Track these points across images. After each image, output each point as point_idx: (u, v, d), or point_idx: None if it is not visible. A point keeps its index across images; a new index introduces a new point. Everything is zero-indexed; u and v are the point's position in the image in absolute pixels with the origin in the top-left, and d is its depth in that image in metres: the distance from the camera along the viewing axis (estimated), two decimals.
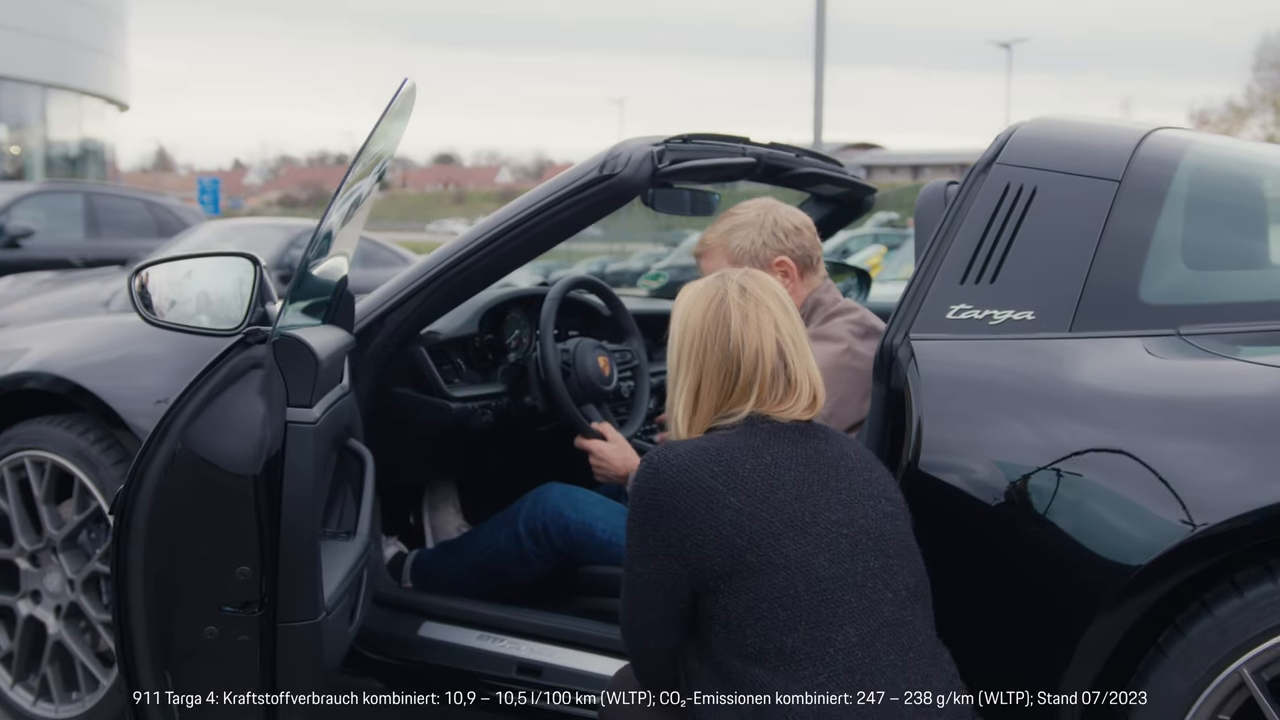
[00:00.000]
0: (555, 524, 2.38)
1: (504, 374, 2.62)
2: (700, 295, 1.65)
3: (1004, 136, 2.00)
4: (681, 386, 1.63)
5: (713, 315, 1.62)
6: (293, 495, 1.66)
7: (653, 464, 1.54)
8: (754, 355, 1.59)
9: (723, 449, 1.54)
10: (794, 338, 1.63)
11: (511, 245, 2.30)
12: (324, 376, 1.73)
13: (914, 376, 1.82)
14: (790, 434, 1.58)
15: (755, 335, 1.60)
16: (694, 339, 1.62)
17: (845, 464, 1.59)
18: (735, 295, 1.63)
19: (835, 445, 1.61)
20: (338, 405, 1.88)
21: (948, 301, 1.87)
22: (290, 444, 1.66)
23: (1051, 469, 1.66)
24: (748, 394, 1.59)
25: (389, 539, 2.70)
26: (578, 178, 2.24)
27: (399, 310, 2.36)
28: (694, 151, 2.38)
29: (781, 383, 1.60)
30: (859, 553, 1.52)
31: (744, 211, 2.30)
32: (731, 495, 1.50)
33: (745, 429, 1.57)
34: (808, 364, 1.63)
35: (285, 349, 1.71)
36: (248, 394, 1.64)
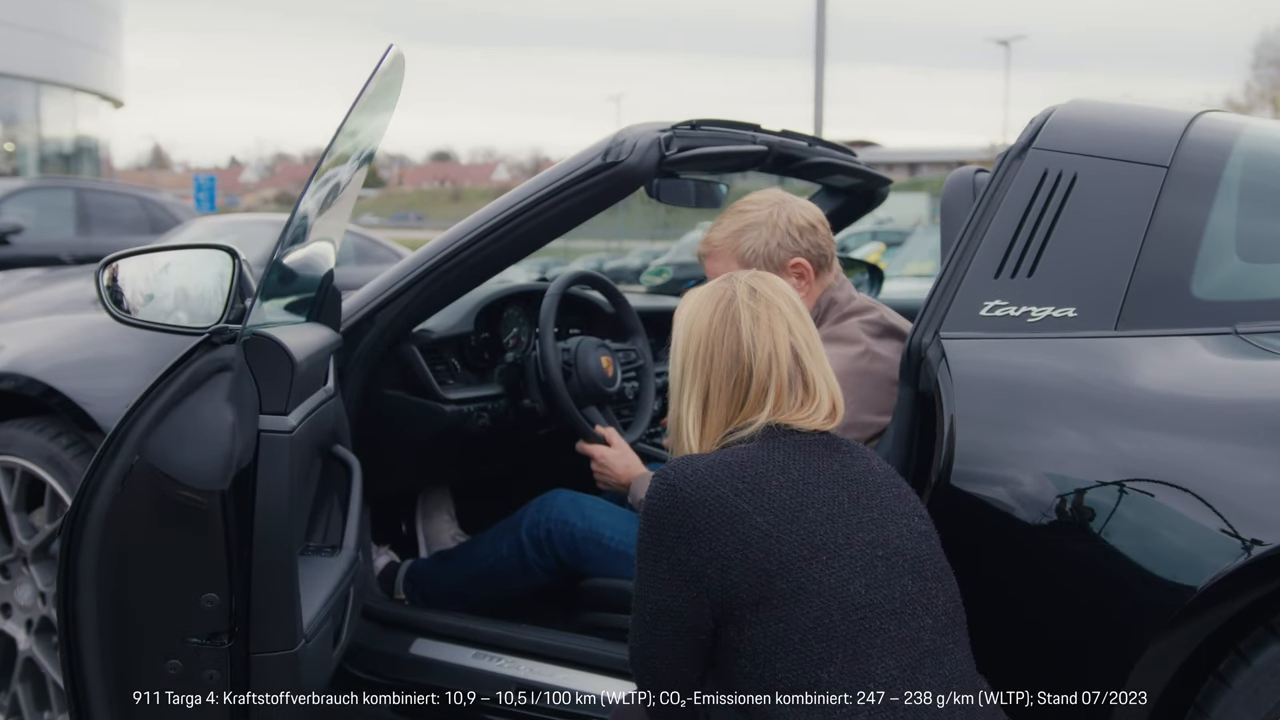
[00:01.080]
0: (560, 532, 2.24)
1: (501, 375, 2.47)
2: (706, 298, 1.53)
3: (1040, 119, 1.86)
4: (689, 398, 1.50)
5: (720, 318, 1.50)
6: (266, 512, 1.50)
7: (668, 480, 1.40)
8: (767, 359, 1.47)
9: (746, 463, 1.40)
10: (809, 342, 1.51)
11: (509, 238, 2.16)
12: (303, 379, 1.57)
13: (945, 378, 1.68)
14: (815, 446, 1.45)
15: (768, 338, 1.48)
16: (700, 344, 1.50)
17: (873, 480, 1.46)
18: (744, 296, 1.51)
19: (860, 460, 1.48)
20: (321, 410, 1.73)
21: (981, 297, 1.73)
22: (263, 455, 1.50)
23: (1109, 481, 1.51)
24: (762, 402, 1.47)
25: (380, 548, 2.56)
26: (579, 166, 2.10)
27: (389, 307, 2.22)
28: (703, 139, 2.23)
29: (799, 388, 1.48)
30: (896, 576, 1.39)
31: (753, 208, 2.15)
32: (759, 515, 1.37)
33: (765, 441, 1.44)
34: (824, 371, 1.51)
35: (257, 349, 1.55)
36: (214, 400, 1.48)
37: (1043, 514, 1.55)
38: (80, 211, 10.61)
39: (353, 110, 1.61)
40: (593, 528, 2.21)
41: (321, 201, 1.70)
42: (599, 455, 2.25)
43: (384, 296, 2.22)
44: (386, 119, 1.90)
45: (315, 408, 1.68)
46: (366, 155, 1.93)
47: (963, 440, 1.64)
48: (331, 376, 1.89)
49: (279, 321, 1.66)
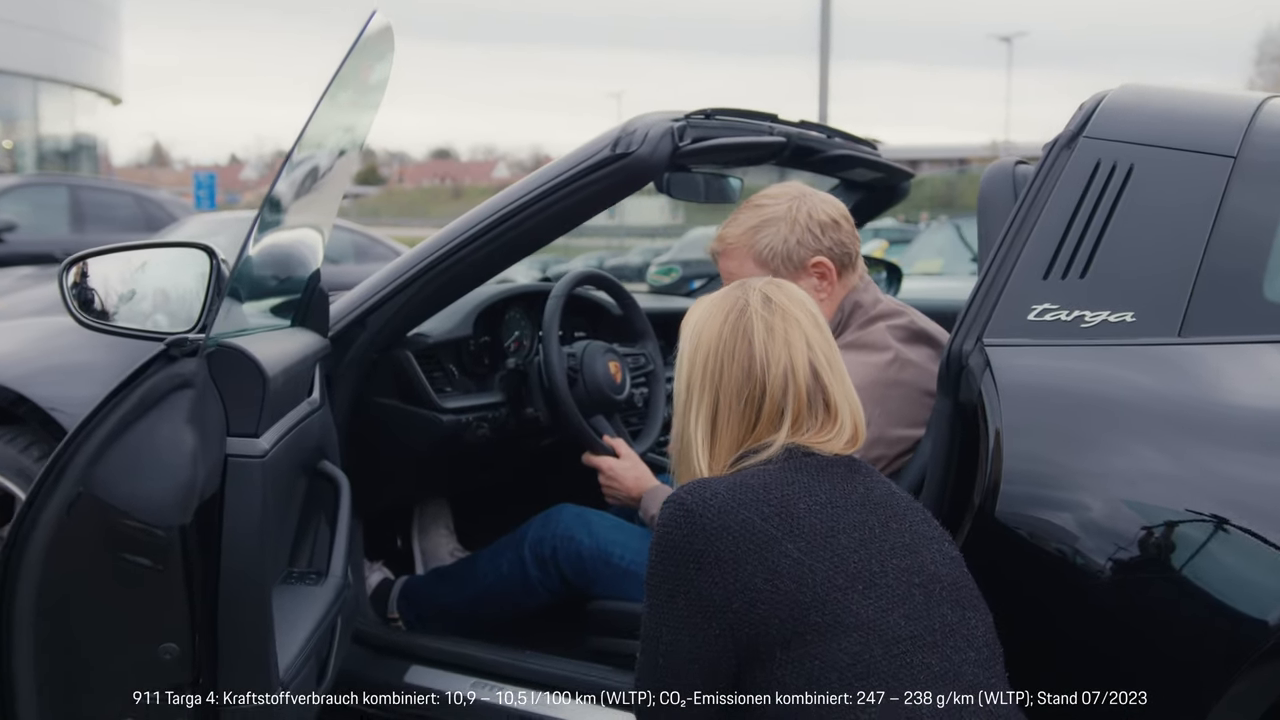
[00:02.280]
0: (565, 549, 2.09)
1: (502, 381, 2.32)
2: (716, 306, 1.40)
3: (1090, 105, 1.70)
4: (696, 414, 1.36)
5: (731, 328, 1.36)
6: (235, 549, 1.33)
7: (685, 505, 1.26)
8: (782, 375, 1.33)
9: (770, 486, 1.27)
10: (829, 359, 1.37)
11: (511, 235, 2.00)
12: (278, 395, 1.41)
13: (990, 388, 1.53)
14: (838, 469, 1.32)
15: (783, 352, 1.34)
16: (708, 356, 1.36)
17: (898, 503, 1.33)
18: (758, 305, 1.37)
19: (881, 483, 1.36)
20: (305, 424, 1.58)
21: (1028, 301, 1.58)
22: (231, 484, 1.33)
23: (1198, 507, 1.36)
24: (778, 421, 1.33)
25: (373, 564, 2.41)
26: (587, 158, 1.95)
27: (382, 310, 2.07)
28: (717, 129, 2.08)
29: (820, 407, 1.34)
30: (934, 605, 1.26)
31: (771, 203, 1.99)
32: (789, 541, 1.23)
33: (786, 463, 1.30)
34: (846, 391, 1.38)
35: (223, 363, 1.38)
36: (172, 421, 1.30)
37: (1116, 543, 1.39)
38: (74, 209, 10.49)
39: (334, 82, 1.44)
40: (601, 546, 2.06)
41: (298, 187, 1.54)
42: (607, 467, 2.11)
43: (376, 298, 2.07)
44: (377, 98, 1.74)
45: (296, 424, 1.52)
46: (355, 144, 1.78)
47: (1012, 457, 1.48)
48: (318, 385, 1.74)
49: (255, 328, 1.50)
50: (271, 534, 1.39)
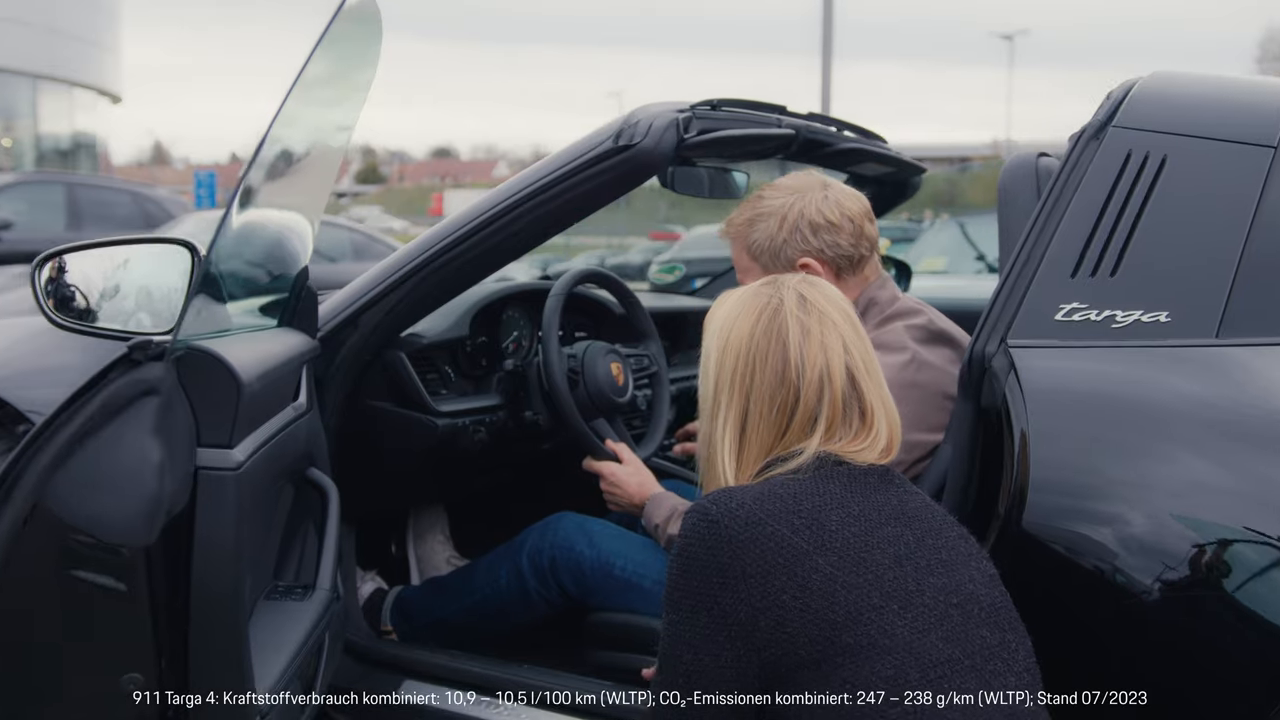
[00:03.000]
0: (565, 559, 2.00)
1: (500, 384, 2.23)
2: (748, 305, 1.31)
3: (1119, 94, 1.62)
4: (725, 419, 1.28)
5: (764, 330, 1.28)
6: (208, 569, 1.23)
7: (709, 516, 1.18)
8: (818, 380, 1.25)
9: (799, 496, 1.19)
10: (866, 362, 1.29)
11: (508, 232, 1.92)
12: (255, 401, 1.32)
13: (1014, 392, 1.45)
14: (871, 479, 1.24)
15: (819, 355, 1.26)
16: (740, 358, 1.28)
17: (933, 517, 1.25)
18: (793, 305, 1.29)
19: (915, 496, 1.28)
20: (289, 431, 1.49)
21: (1055, 300, 1.50)
22: (202, 499, 1.23)
23: (1256, 521, 1.27)
24: (810, 428, 1.25)
25: (366, 573, 2.33)
26: (588, 150, 1.86)
27: (374, 309, 1.98)
28: (724, 121, 1.99)
29: (855, 415, 1.26)
30: (973, 626, 1.18)
31: (771, 195, 1.93)
32: (820, 556, 1.15)
33: (817, 473, 1.21)
34: (883, 397, 1.30)
35: (193, 368, 1.27)
36: (136, 431, 1.20)
37: (1163, 559, 1.30)
38: (71, 207, 10.42)
39: (313, 55, 1.34)
40: (602, 556, 1.97)
41: (275, 179, 1.45)
42: (609, 473, 2.03)
43: (368, 297, 1.98)
44: (363, 90, 1.65)
45: (279, 431, 1.43)
46: (344, 135, 1.69)
47: (1041, 464, 1.40)
48: (304, 389, 1.65)
49: (235, 329, 1.41)
50: (248, 552, 1.29)
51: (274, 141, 1.35)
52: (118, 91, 25.97)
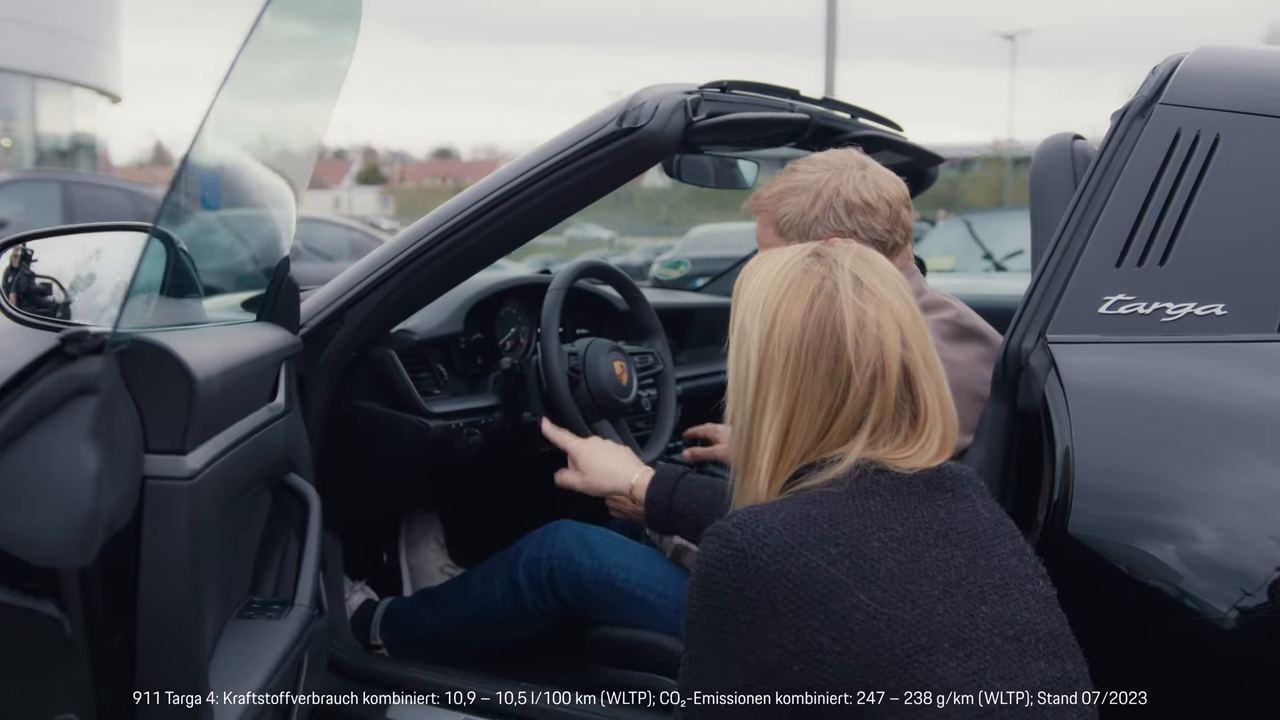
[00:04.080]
0: (564, 571, 1.88)
1: (496, 383, 2.11)
2: (796, 284, 1.14)
3: (1165, 69, 1.49)
4: (771, 419, 1.12)
5: (818, 318, 1.11)
6: (157, 591, 1.09)
7: (733, 543, 1.04)
8: (869, 381, 1.10)
9: (836, 518, 1.05)
10: (926, 357, 1.14)
11: (504, 220, 1.79)
12: (216, 401, 1.18)
13: (1055, 391, 1.33)
14: (916, 489, 1.09)
15: (874, 351, 1.10)
16: (790, 350, 1.11)
17: (983, 528, 1.11)
18: (849, 289, 1.12)
19: (964, 499, 1.12)
20: (263, 434, 1.36)
21: (1099, 291, 1.37)
22: (151, 512, 1.08)
23: None
24: (852, 433, 1.10)
25: (355, 583, 2.20)
26: (590, 133, 1.74)
27: (362, 303, 1.86)
28: (735, 104, 1.87)
29: (905, 419, 1.11)
30: (1030, 660, 1.05)
31: (806, 170, 1.79)
32: (861, 590, 1.01)
33: (855, 485, 1.08)
34: (942, 397, 1.15)
35: (139, 364, 1.12)
36: (69, 437, 1.05)
37: (1238, 582, 1.17)
38: (66, 205, 10.30)
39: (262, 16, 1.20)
40: (603, 567, 1.85)
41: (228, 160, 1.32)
42: None
43: (355, 291, 1.86)
44: (341, 67, 1.53)
45: (249, 434, 1.30)
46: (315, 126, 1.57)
47: (1086, 469, 1.28)
48: (283, 388, 1.52)
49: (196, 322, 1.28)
50: (208, 570, 1.16)
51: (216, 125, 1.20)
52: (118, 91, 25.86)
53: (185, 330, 1.26)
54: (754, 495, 1.12)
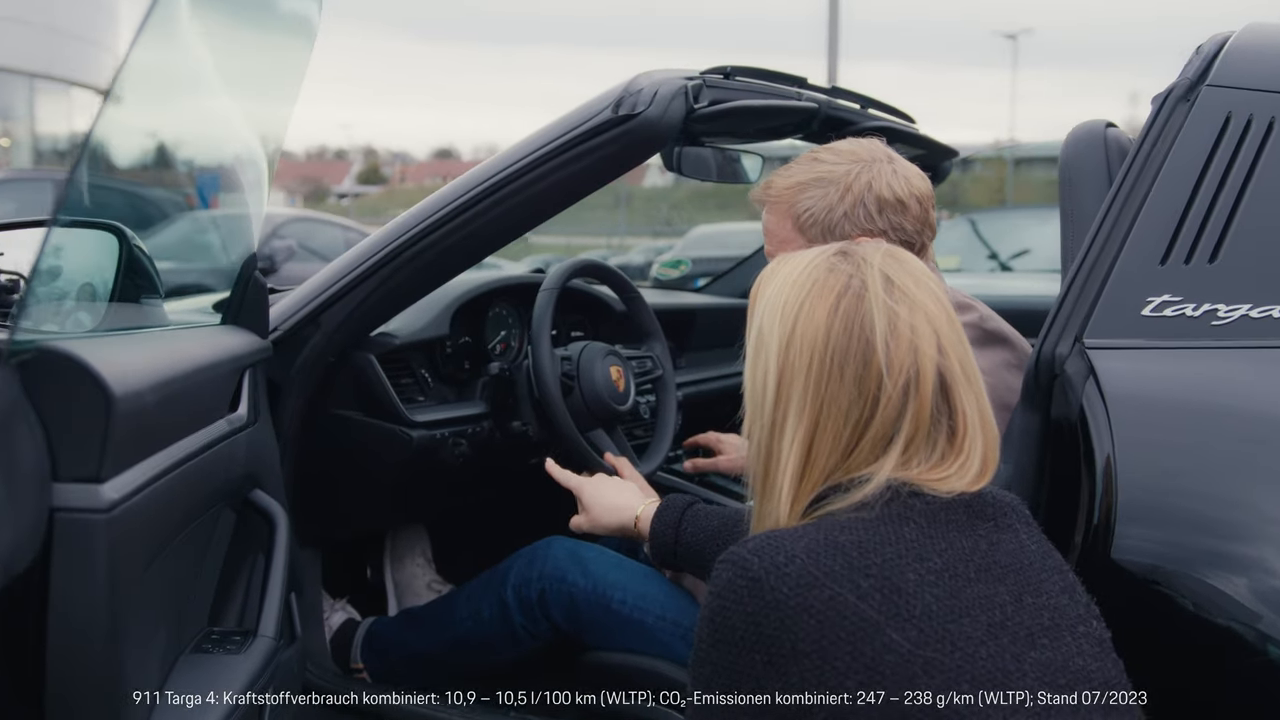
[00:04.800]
0: (555, 592, 1.75)
1: (485, 390, 1.98)
2: (821, 284, 1.02)
3: (1211, 49, 1.37)
4: (793, 433, 0.99)
5: (844, 320, 0.99)
6: (68, 641, 0.95)
7: (749, 572, 0.92)
8: (902, 391, 0.97)
9: (866, 547, 0.92)
10: (965, 365, 1.01)
11: (492, 215, 1.67)
12: (144, 419, 1.03)
13: (1094, 401, 1.20)
14: (956, 516, 0.97)
15: (908, 357, 0.98)
16: (816, 356, 0.99)
17: (1028, 562, 0.98)
18: (879, 288, 1.00)
19: (1008, 530, 1.00)
20: (218, 450, 1.23)
21: (1143, 292, 1.25)
22: (60, 551, 0.94)
23: None
24: (882, 450, 0.98)
25: (336, 601, 2.08)
26: (583, 121, 1.62)
27: (339, 305, 1.74)
28: (739, 91, 1.75)
29: (942, 434, 0.99)
30: (1083, 714, 0.92)
31: (832, 160, 1.63)
32: (894, 629, 0.89)
33: (887, 510, 0.95)
34: (982, 409, 1.02)
35: (45, 378, 0.97)
36: None
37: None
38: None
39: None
40: (598, 587, 1.72)
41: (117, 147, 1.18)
42: None
43: (332, 291, 1.74)
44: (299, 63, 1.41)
45: (200, 451, 1.17)
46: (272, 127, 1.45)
47: (1132, 487, 1.15)
48: (246, 398, 1.40)
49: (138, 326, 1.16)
50: (140, 608, 1.02)
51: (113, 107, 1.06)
52: None
53: (123, 336, 1.13)
54: (774, 520, 1.00)
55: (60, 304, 1.27)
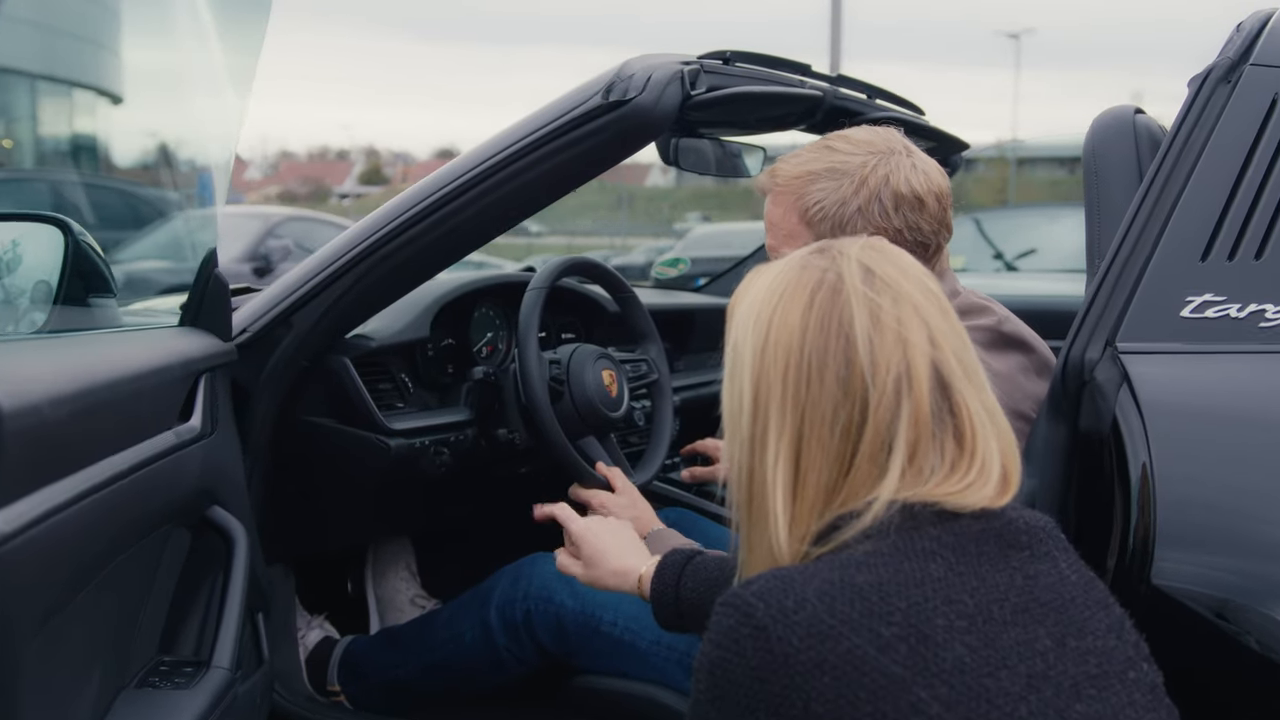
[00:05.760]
0: (542, 613, 1.64)
1: (469, 395, 1.87)
2: (795, 282, 0.91)
3: (1253, 26, 1.26)
4: (776, 452, 0.88)
5: (820, 317, 0.89)
6: None
7: (754, 618, 0.80)
8: (894, 388, 0.86)
9: (888, 589, 0.81)
10: (963, 360, 0.90)
11: (475, 208, 1.56)
12: (53, 436, 0.90)
13: (1128, 410, 1.09)
14: (986, 544, 0.86)
15: (894, 348, 0.87)
16: (791, 360, 0.88)
17: (1070, 597, 0.87)
18: (857, 280, 0.90)
19: (1044, 558, 0.88)
20: (162, 466, 1.12)
21: (1181, 291, 1.14)
22: None
23: None
24: (882, 462, 0.86)
25: (314, 618, 1.97)
26: (572, 108, 1.51)
27: (312, 305, 1.63)
28: (739, 78, 1.63)
29: (949, 437, 0.87)
30: None
31: (846, 150, 1.49)
32: (923, 686, 0.78)
33: (902, 538, 0.84)
34: (989, 408, 0.91)
35: None
36: None
37: None
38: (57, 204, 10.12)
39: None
40: (587, 608, 1.61)
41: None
42: (598, 505, 1.67)
43: (304, 290, 1.63)
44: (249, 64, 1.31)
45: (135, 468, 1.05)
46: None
47: (1173, 507, 1.04)
48: (200, 407, 1.28)
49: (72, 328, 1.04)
50: (32, 656, 0.90)
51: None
52: (119, 92, 25.70)
53: (39, 341, 1.02)
54: (770, 551, 0.88)
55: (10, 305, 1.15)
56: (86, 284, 1.33)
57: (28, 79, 20.70)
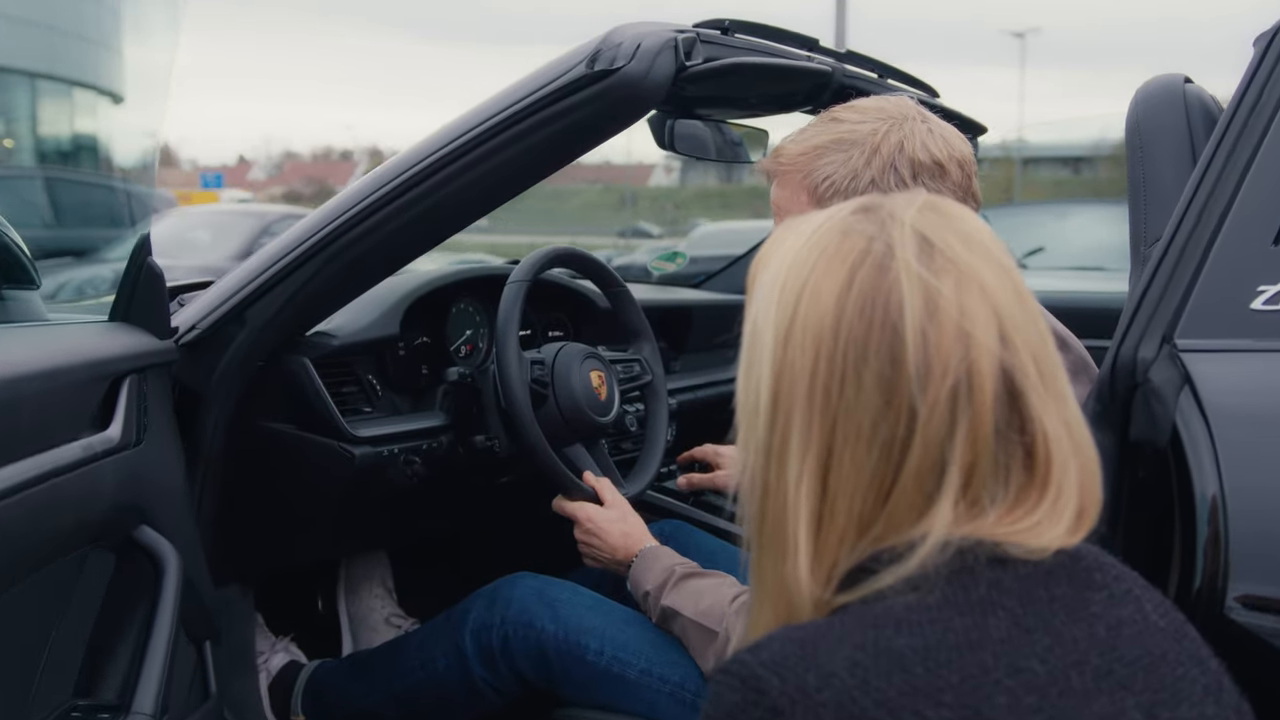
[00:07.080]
0: (521, 639, 1.48)
1: (445, 398, 1.71)
2: (833, 252, 0.72)
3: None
4: (800, 464, 0.70)
5: (860, 295, 0.70)
6: None
7: (766, 698, 0.63)
8: (949, 396, 0.68)
9: (935, 656, 0.64)
10: (1039, 357, 0.71)
11: (447, 191, 1.40)
12: None
13: (1191, 417, 0.94)
14: (1058, 590, 0.69)
15: (954, 346, 0.69)
16: (823, 346, 0.70)
17: (1160, 651, 0.70)
18: (910, 255, 0.70)
19: (1124, 601, 0.72)
20: (64, 483, 0.96)
21: (1251, 280, 0.99)
22: None
23: None
24: (934, 485, 0.69)
25: (279, 640, 1.81)
26: (554, 78, 1.35)
27: (268, 299, 1.48)
28: (739, 49, 1.48)
29: (1016, 462, 0.70)
30: None
31: (854, 119, 1.33)
32: None
33: (956, 587, 0.67)
34: (1069, 419, 0.72)
35: None
36: None
37: None
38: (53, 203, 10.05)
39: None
40: (570, 634, 1.45)
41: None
42: (585, 518, 1.53)
43: (259, 283, 1.48)
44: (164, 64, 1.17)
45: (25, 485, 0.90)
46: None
47: (1246, 531, 0.89)
48: (122, 413, 1.13)
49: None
50: None
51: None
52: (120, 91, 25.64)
53: None
54: (785, 587, 0.71)
55: None
56: (1, 275, 1.18)
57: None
